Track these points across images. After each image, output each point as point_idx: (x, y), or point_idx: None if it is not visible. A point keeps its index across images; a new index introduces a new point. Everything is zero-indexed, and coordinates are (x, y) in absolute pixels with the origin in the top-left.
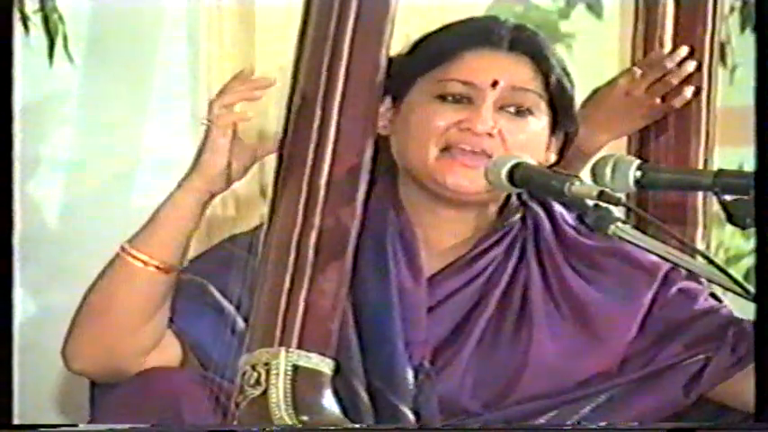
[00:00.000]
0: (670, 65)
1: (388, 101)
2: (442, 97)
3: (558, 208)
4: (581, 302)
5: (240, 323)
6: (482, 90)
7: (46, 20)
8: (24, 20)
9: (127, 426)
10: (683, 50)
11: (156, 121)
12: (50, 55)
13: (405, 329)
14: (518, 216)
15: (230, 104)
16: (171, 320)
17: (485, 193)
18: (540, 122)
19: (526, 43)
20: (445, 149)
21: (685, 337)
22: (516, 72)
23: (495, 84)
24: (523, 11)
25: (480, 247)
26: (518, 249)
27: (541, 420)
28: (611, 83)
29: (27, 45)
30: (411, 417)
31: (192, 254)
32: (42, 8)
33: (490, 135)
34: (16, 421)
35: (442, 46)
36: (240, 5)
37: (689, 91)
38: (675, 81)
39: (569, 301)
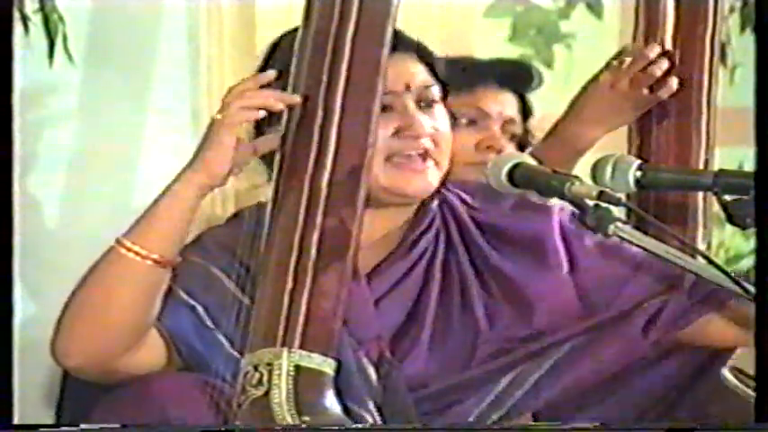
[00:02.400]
0: (651, 55)
1: None
2: None
3: (458, 191)
4: (507, 278)
5: (212, 326)
6: (399, 95)
7: (46, 20)
8: (24, 20)
9: (127, 426)
10: (657, 47)
11: (156, 120)
12: (50, 55)
13: (353, 329)
14: (435, 203)
15: (251, 107)
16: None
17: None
18: (441, 106)
19: (402, 41)
20: (388, 159)
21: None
22: (415, 70)
23: (408, 87)
24: (523, 11)
25: (413, 235)
26: (443, 234)
27: (505, 379)
28: (595, 78)
29: (27, 45)
30: (369, 418)
31: None
32: (42, 8)
33: (430, 134)
34: (16, 421)
35: None
36: (240, 5)
37: (674, 81)
38: (658, 72)
39: (497, 279)
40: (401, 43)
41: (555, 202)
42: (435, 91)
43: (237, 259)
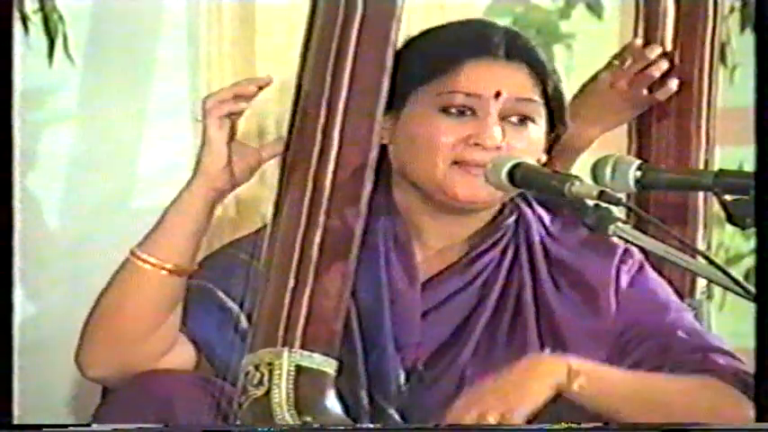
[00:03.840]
0: (651, 56)
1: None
2: (445, 110)
3: (542, 212)
4: (554, 316)
5: (246, 327)
6: (486, 101)
7: (46, 20)
8: (24, 20)
9: (128, 426)
10: (658, 48)
11: (156, 120)
12: (50, 55)
13: (397, 332)
14: (513, 219)
15: (222, 100)
16: (183, 324)
17: (491, 200)
18: (538, 128)
19: (522, 50)
20: (454, 164)
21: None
22: (517, 82)
23: (498, 94)
24: (523, 11)
25: (478, 249)
26: (511, 252)
27: None
28: (595, 77)
29: (27, 45)
30: (398, 418)
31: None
32: (42, 8)
33: (498, 147)
34: (16, 421)
35: (438, 56)
36: (240, 5)
37: (673, 83)
38: (657, 73)
39: (545, 315)
40: (514, 50)
41: (619, 243)
42: (533, 108)
43: None
